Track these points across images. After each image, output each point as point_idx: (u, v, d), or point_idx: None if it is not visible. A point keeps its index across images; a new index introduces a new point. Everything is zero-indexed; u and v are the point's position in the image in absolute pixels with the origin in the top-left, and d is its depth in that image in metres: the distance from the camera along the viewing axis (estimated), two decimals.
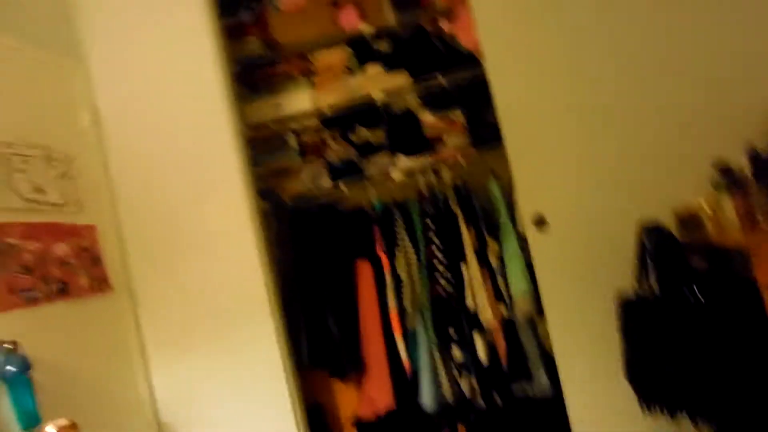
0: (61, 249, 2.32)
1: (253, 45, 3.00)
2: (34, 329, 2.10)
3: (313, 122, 3.04)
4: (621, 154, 2.36)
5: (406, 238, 2.75)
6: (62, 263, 2.31)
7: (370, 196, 2.96)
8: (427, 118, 2.91)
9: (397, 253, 2.74)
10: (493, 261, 2.65)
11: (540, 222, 2.38)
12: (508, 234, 2.64)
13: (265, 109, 2.98)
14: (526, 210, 2.42)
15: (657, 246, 1.97)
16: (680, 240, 2.05)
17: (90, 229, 2.53)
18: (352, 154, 2.97)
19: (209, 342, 2.61)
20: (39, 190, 2.30)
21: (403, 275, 2.71)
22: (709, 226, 2.02)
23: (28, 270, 2.14)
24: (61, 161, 2.46)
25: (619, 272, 2.12)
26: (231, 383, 2.59)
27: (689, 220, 2.15)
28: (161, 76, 2.72)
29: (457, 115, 2.88)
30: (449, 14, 2.90)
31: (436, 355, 2.71)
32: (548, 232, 2.37)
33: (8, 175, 2.17)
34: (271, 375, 2.56)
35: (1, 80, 2.27)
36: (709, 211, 2.02)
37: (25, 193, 2.23)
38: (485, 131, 2.78)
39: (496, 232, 2.69)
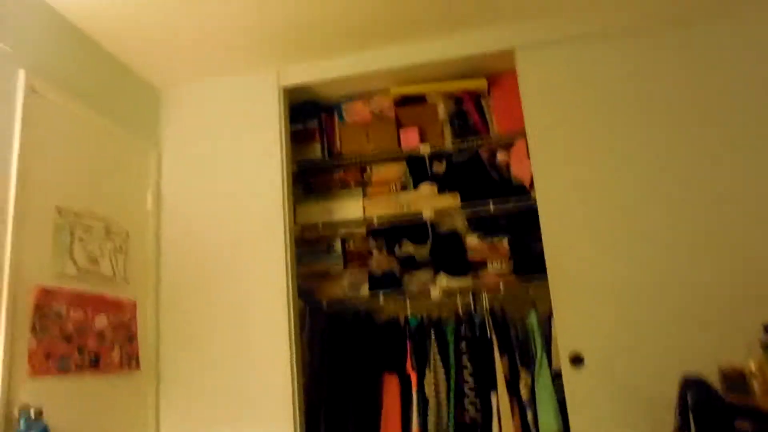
0: (101, 321, 2.38)
1: (316, 151, 3.17)
2: (59, 397, 2.12)
3: (361, 231, 3.12)
4: (667, 303, 2.35)
5: (438, 358, 2.71)
6: (99, 336, 2.36)
7: (407, 310, 2.96)
8: (473, 241, 2.95)
9: (427, 371, 2.69)
10: (525, 393, 2.57)
11: (577, 360, 2.33)
12: (543, 368, 2.58)
13: (317, 212, 3.09)
14: (563, 345, 2.39)
15: (699, 401, 1.89)
16: (725, 398, 1.96)
17: (131, 304, 2.59)
18: (394, 266, 3.01)
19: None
20: (93, 260, 2.40)
21: (431, 396, 2.65)
22: (756, 388, 1.94)
23: (67, 338, 2.19)
24: (119, 236, 2.58)
25: (656, 421, 2.04)
26: None
27: (735, 379, 2.07)
28: (226, 169, 2.90)
29: (503, 242, 2.90)
30: (506, 146, 3.02)
31: None
32: (584, 370, 2.31)
33: (70, 242, 2.28)
34: None
35: (84, 153, 2.45)
36: (757, 373, 1.95)
37: (80, 262, 2.32)
38: (529, 261, 2.80)
39: (530, 364, 2.63)
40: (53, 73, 2.33)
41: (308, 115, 3.20)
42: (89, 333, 2.30)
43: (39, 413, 1.94)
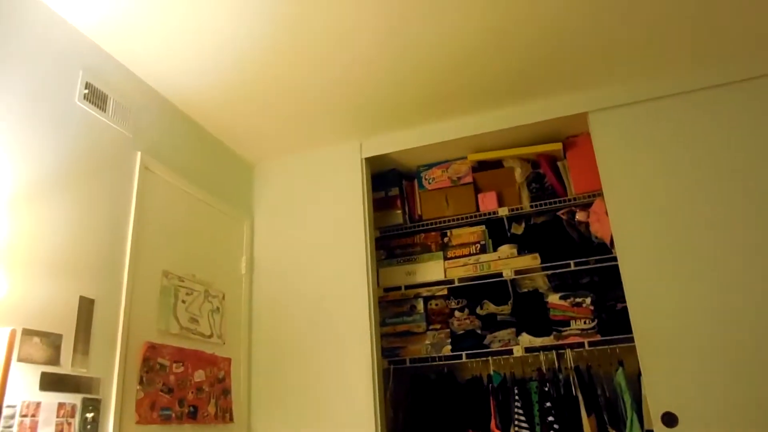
0: (199, 375, 2.55)
1: (398, 216, 3.31)
2: None
3: (443, 291, 3.18)
4: (760, 356, 2.25)
5: (522, 417, 2.67)
6: (198, 389, 2.53)
7: (489, 368, 2.96)
8: (554, 300, 2.94)
9: (512, 430, 2.65)
10: None
11: (670, 421, 2.24)
12: (634, 428, 2.48)
13: (399, 274, 3.20)
14: (654, 405, 2.31)
15: None
16: None
17: (227, 361, 2.76)
18: (476, 325, 3.04)
19: None
20: (194, 320, 2.61)
21: None
22: None
23: (169, 390, 2.37)
24: (216, 298, 2.79)
25: None
26: None
27: None
28: (313, 236, 3.09)
29: (586, 301, 2.87)
30: (585, 206, 3.03)
31: None
32: (679, 431, 2.22)
33: (174, 304, 2.51)
34: None
35: (187, 223, 2.72)
36: None
37: (183, 321, 2.53)
38: (613, 320, 2.76)
39: (619, 424, 2.54)
40: (163, 153, 2.64)
41: (390, 182, 3.36)
42: (189, 386, 2.48)
43: None
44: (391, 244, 3.33)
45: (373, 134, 3.15)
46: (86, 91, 2.21)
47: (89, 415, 1.98)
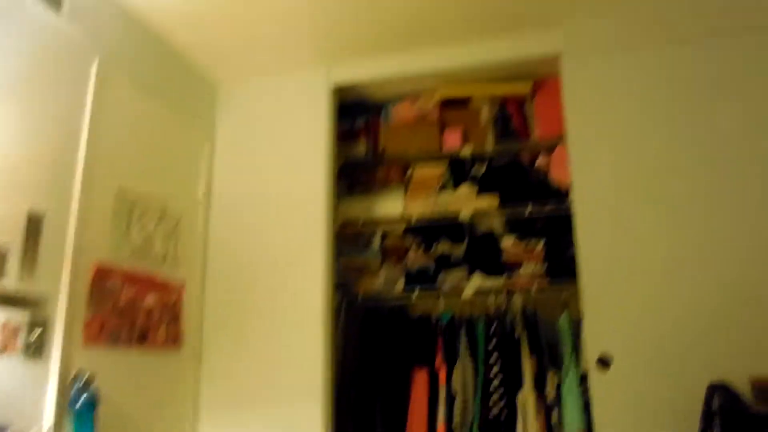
0: (150, 300, 2.54)
1: (360, 149, 3.27)
2: (109, 366, 2.28)
3: (400, 228, 3.20)
4: (700, 311, 2.33)
5: (467, 355, 2.77)
6: (148, 313, 2.52)
7: (439, 307, 3.03)
8: (508, 242, 2.99)
9: (455, 368, 2.75)
10: (551, 393, 2.61)
11: (604, 362, 2.35)
12: (571, 369, 2.60)
13: (358, 208, 3.19)
14: (592, 349, 2.41)
15: (724, 407, 1.91)
16: (752, 407, 1.97)
17: (179, 286, 2.75)
18: (429, 264, 3.08)
19: (259, 413, 2.70)
20: (147, 242, 2.57)
21: (458, 392, 2.71)
22: None
23: (119, 312, 2.35)
24: (171, 220, 2.74)
25: (680, 427, 2.05)
26: None
27: (766, 391, 2.07)
28: (274, 163, 3.04)
29: (538, 245, 2.93)
30: (547, 151, 3.05)
31: None
32: (611, 374, 2.34)
33: (127, 225, 2.45)
34: None
35: (145, 140, 2.63)
36: None
37: (136, 242, 2.49)
38: (563, 265, 2.82)
39: (557, 365, 2.66)
40: (122, 63, 2.50)
41: (356, 114, 3.31)
42: (139, 310, 2.47)
43: (91, 379, 2.11)
44: (353, 176, 3.31)
45: (341, 61, 3.05)
46: None
47: (35, 334, 1.96)
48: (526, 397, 2.60)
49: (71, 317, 2.12)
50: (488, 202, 3.03)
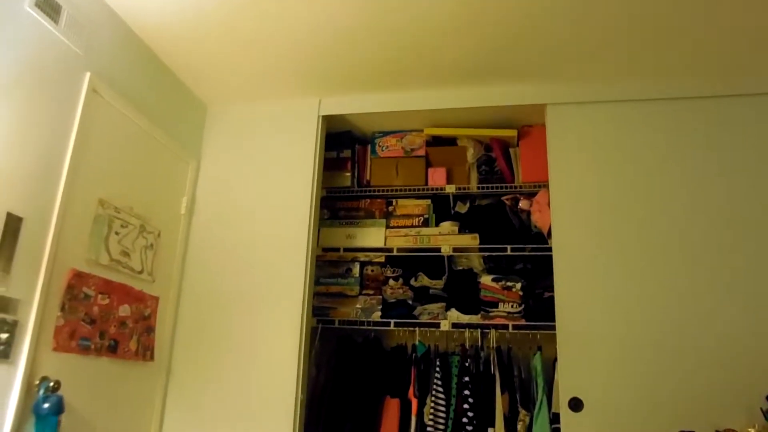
0: (124, 310, 2.50)
1: (346, 179, 3.30)
2: (76, 375, 2.23)
3: (380, 258, 3.22)
4: (670, 363, 2.40)
5: (441, 388, 2.76)
6: (121, 323, 2.48)
7: (416, 338, 3.02)
8: (487, 281, 3.02)
9: (428, 399, 2.74)
10: None
11: (576, 404, 2.37)
12: (542, 409, 2.61)
13: (340, 237, 3.21)
14: (564, 390, 2.44)
15: None
16: None
17: (154, 300, 2.72)
18: (408, 296, 3.10)
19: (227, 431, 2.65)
20: (125, 253, 2.54)
21: (429, 424, 2.69)
22: None
23: (92, 321, 2.31)
24: (152, 234, 2.73)
25: None
26: None
27: None
28: (258, 186, 3.05)
29: (516, 286, 2.97)
30: (529, 195, 3.11)
31: None
32: (582, 416, 2.35)
33: (107, 235, 2.43)
34: None
35: (131, 155, 2.62)
36: None
37: (114, 253, 2.47)
38: (539, 308, 2.86)
39: (529, 404, 2.66)
40: (114, 78, 2.52)
41: (343, 144, 3.34)
42: (112, 320, 2.43)
43: (57, 386, 2.05)
44: (336, 205, 3.33)
45: (333, 93, 3.10)
46: None
47: (3, 336, 1.91)
48: None
49: (42, 322, 2.06)
50: (469, 240, 3.07)
